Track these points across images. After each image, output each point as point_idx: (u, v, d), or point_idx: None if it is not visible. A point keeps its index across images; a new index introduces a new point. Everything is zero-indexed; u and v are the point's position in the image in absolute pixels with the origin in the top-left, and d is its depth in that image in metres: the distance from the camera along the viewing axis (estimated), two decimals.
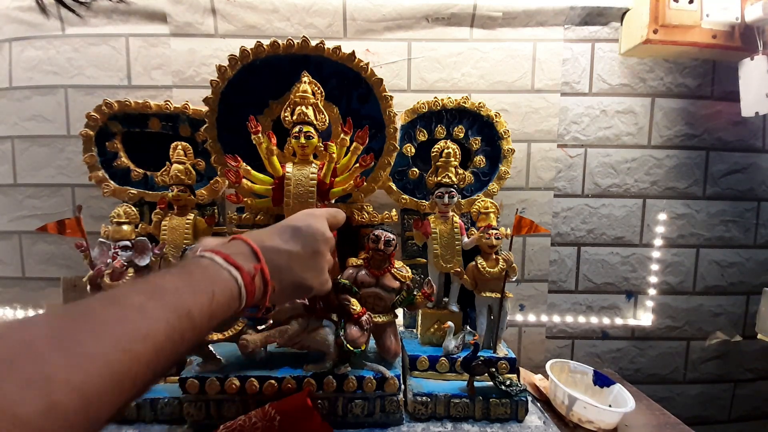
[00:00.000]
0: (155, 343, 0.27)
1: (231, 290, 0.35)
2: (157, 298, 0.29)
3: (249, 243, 0.39)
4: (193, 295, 0.31)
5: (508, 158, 0.84)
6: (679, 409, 0.98)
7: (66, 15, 0.90)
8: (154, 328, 0.27)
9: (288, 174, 0.66)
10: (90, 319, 0.25)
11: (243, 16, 0.90)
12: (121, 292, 0.29)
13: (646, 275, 1.00)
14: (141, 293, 0.29)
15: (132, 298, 0.28)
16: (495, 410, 0.66)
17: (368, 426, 0.64)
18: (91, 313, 0.25)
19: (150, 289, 0.30)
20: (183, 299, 0.30)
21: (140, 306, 0.27)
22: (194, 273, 0.33)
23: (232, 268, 0.35)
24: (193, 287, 0.32)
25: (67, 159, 0.94)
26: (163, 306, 0.29)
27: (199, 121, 0.80)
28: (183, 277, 0.32)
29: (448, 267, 0.76)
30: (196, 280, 0.33)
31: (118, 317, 0.26)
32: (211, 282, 0.33)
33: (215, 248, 0.37)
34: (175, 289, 0.30)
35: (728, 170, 0.99)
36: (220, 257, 0.35)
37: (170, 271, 0.33)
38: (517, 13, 0.91)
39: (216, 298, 0.33)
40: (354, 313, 0.62)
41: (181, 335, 0.29)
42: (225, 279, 0.35)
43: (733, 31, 0.86)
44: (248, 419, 0.57)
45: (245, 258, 0.38)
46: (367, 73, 0.74)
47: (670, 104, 0.97)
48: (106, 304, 0.27)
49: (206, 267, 0.35)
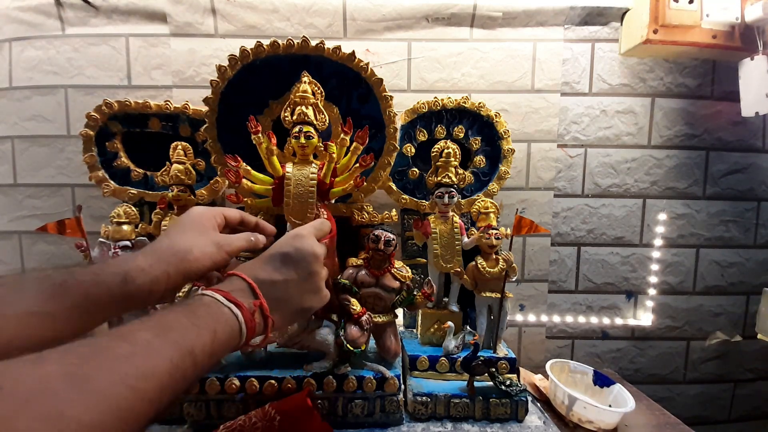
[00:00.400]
0: (160, 381, 0.28)
1: (232, 327, 0.36)
2: (162, 336, 0.30)
3: (245, 279, 0.40)
4: (196, 333, 0.32)
5: (508, 158, 0.84)
6: (679, 409, 0.98)
7: (66, 15, 0.90)
8: (160, 366, 0.28)
9: (288, 174, 0.66)
10: (101, 356, 0.26)
11: (243, 16, 0.90)
12: (129, 328, 0.30)
13: (646, 275, 1.00)
14: (148, 330, 0.30)
15: (140, 334, 0.29)
16: (495, 410, 0.66)
17: (368, 426, 0.64)
18: (102, 349, 0.27)
19: (156, 325, 0.31)
20: (187, 337, 0.31)
21: (147, 343, 0.28)
22: (197, 311, 0.34)
23: (233, 306, 0.37)
24: (197, 325, 0.33)
25: (67, 159, 0.94)
26: (168, 344, 0.30)
27: (199, 121, 0.80)
28: (187, 315, 0.33)
29: (448, 267, 0.76)
30: (199, 318, 0.34)
31: (126, 354, 0.27)
32: (214, 320, 0.35)
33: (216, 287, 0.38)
34: (179, 327, 0.32)
35: (728, 170, 0.99)
36: (221, 295, 0.37)
37: (175, 308, 0.34)
38: (517, 13, 0.91)
39: (218, 336, 0.34)
40: (354, 313, 0.62)
41: (183, 373, 0.30)
42: (226, 317, 0.36)
43: (733, 31, 0.86)
44: (248, 419, 0.57)
45: (244, 294, 0.39)
46: (367, 73, 0.74)
47: (670, 104, 0.97)
48: (116, 339, 0.28)
49: (208, 305, 0.36)
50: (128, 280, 0.38)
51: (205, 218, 0.47)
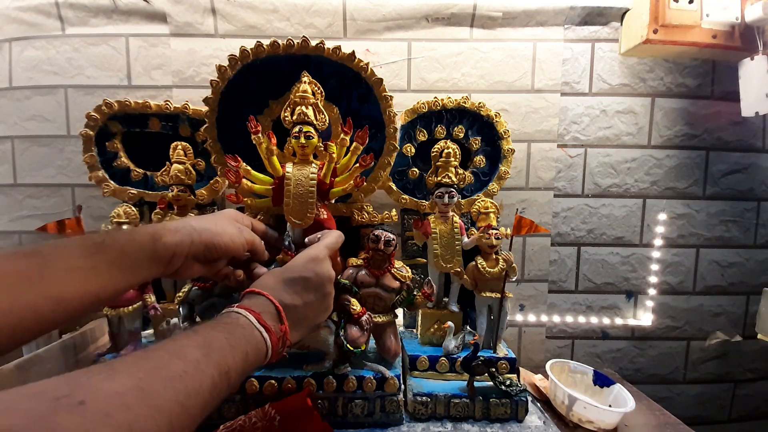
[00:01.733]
0: (203, 398, 0.30)
1: (260, 350, 0.38)
2: (208, 355, 0.32)
3: (274, 302, 0.43)
4: (232, 354, 0.34)
5: (508, 158, 0.84)
6: (679, 409, 0.98)
7: (66, 15, 0.90)
8: (204, 385, 0.30)
9: (288, 174, 0.66)
10: (161, 372, 0.28)
11: (243, 16, 0.90)
12: (181, 343, 0.32)
13: (646, 275, 1.00)
14: (197, 347, 0.32)
15: (192, 352, 0.31)
16: (495, 410, 0.66)
17: (368, 426, 0.64)
18: (162, 365, 0.29)
19: (203, 343, 0.33)
20: (226, 358, 0.33)
21: (197, 362, 0.30)
22: (234, 332, 0.37)
23: (263, 330, 0.39)
24: (233, 347, 0.35)
25: (67, 159, 0.94)
26: (211, 363, 0.32)
27: (199, 121, 0.80)
28: (226, 335, 0.35)
29: (448, 267, 0.76)
30: (235, 339, 0.36)
31: (180, 372, 0.29)
32: (247, 342, 0.37)
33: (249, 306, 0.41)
34: (220, 348, 0.34)
35: (728, 170, 0.99)
36: (253, 317, 0.39)
37: (216, 326, 0.36)
38: (517, 13, 0.91)
39: (248, 358, 0.36)
40: (354, 313, 0.62)
41: (219, 392, 0.32)
42: (257, 340, 0.38)
43: (733, 31, 0.86)
44: (248, 419, 0.57)
45: (271, 318, 0.42)
46: (367, 73, 0.74)
47: (670, 104, 0.97)
48: (172, 355, 0.30)
49: (244, 326, 0.38)
50: (156, 237, 0.41)
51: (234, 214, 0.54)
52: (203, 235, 0.45)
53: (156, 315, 0.71)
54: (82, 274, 0.36)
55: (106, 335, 0.84)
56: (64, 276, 0.34)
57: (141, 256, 0.40)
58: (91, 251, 0.37)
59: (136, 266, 0.40)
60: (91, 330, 0.84)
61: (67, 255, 0.36)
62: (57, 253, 0.35)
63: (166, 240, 0.42)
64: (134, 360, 0.28)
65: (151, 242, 0.41)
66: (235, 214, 0.54)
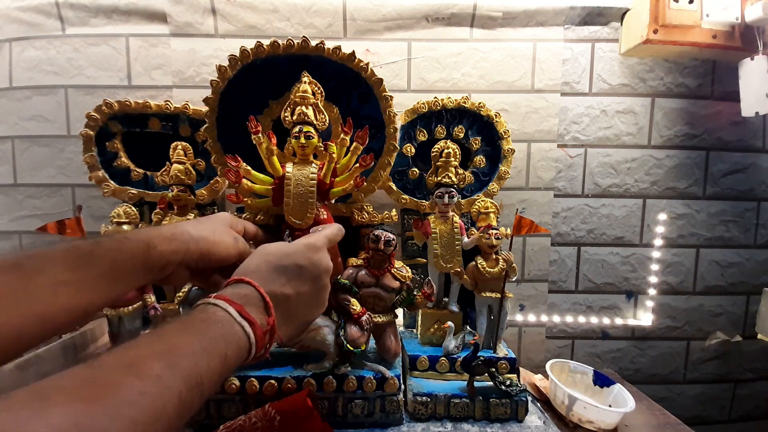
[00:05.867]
0: (168, 419, 0.26)
1: (242, 347, 0.34)
2: (173, 366, 0.28)
3: (260, 291, 0.38)
4: (207, 359, 0.30)
5: (508, 158, 0.84)
6: (679, 409, 0.98)
7: (66, 15, 0.90)
8: (169, 404, 0.26)
9: (288, 174, 0.66)
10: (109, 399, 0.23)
11: (243, 16, 0.90)
12: (139, 353, 0.28)
13: (646, 275, 1.00)
14: (159, 359, 0.28)
15: (150, 365, 0.27)
16: (495, 410, 0.66)
17: (368, 426, 0.64)
18: (110, 389, 0.24)
19: (167, 351, 0.29)
20: (198, 366, 0.29)
21: (157, 377, 0.26)
22: (209, 331, 0.33)
23: (246, 324, 0.35)
24: (208, 349, 0.31)
25: (67, 159, 0.94)
26: (178, 377, 0.28)
27: (199, 121, 0.80)
28: (198, 336, 0.31)
29: (448, 267, 0.76)
30: (211, 340, 0.32)
31: (135, 395, 0.25)
32: (225, 342, 0.33)
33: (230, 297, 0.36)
34: (191, 354, 0.30)
35: (728, 170, 0.99)
36: (234, 309, 0.35)
37: (187, 326, 0.32)
38: (517, 13, 0.91)
39: (227, 360, 0.32)
40: (354, 313, 0.62)
41: (190, 406, 0.28)
42: (238, 336, 0.34)
43: (733, 31, 0.86)
44: (248, 419, 0.57)
45: (257, 310, 0.37)
46: (367, 73, 0.74)
47: (670, 104, 0.97)
48: (126, 372, 0.25)
49: (222, 322, 0.34)
50: (150, 246, 0.39)
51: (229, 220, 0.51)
52: (200, 244, 0.43)
53: (156, 315, 0.71)
54: (69, 289, 0.33)
55: (106, 335, 0.84)
56: (48, 291, 0.32)
57: (132, 267, 0.38)
58: (77, 263, 0.34)
59: (126, 276, 0.38)
60: (91, 330, 0.84)
61: (51, 268, 0.33)
62: (40, 267, 0.32)
63: (161, 249, 0.39)
64: (75, 384, 0.23)
65: (143, 252, 0.38)
66: (231, 220, 0.51)
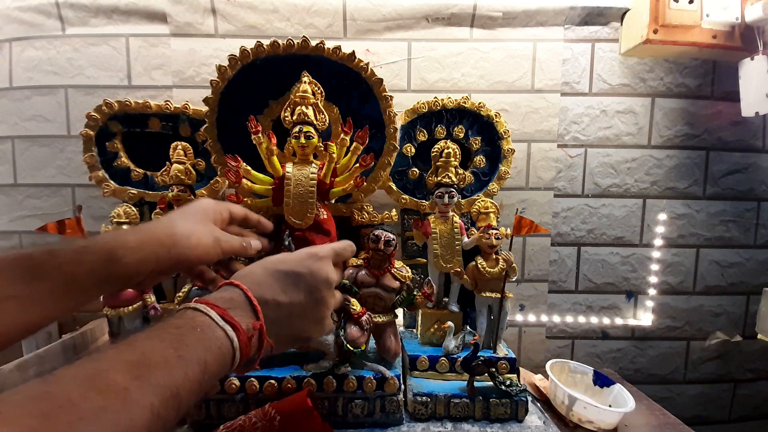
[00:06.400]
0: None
1: (225, 354, 0.31)
2: (142, 378, 0.25)
3: (248, 294, 0.35)
4: (183, 370, 0.28)
5: (508, 158, 0.84)
6: (679, 409, 0.98)
7: (66, 15, 0.90)
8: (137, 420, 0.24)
9: (288, 174, 0.66)
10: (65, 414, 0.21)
11: (243, 16, 0.90)
12: (102, 366, 0.25)
13: (646, 275, 1.00)
14: (125, 370, 0.25)
15: (115, 377, 0.24)
16: (495, 410, 0.66)
17: (368, 426, 0.64)
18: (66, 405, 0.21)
19: (136, 362, 0.26)
20: (172, 376, 0.27)
21: (123, 392, 0.24)
22: (186, 338, 0.30)
23: (229, 328, 0.32)
24: (184, 358, 0.28)
25: (67, 159, 0.94)
26: (148, 388, 0.25)
27: (199, 121, 0.80)
28: (174, 344, 0.28)
29: (448, 267, 0.76)
30: (188, 348, 0.29)
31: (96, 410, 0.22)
32: (205, 348, 0.30)
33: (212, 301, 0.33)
34: (164, 363, 0.27)
35: (728, 170, 0.99)
36: (216, 313, 0.32)
37: (161, 333, 0.29)
38: (517, 13, 0.91)
39: (208, 368, 0.29)
40: (354, 313, 0.62)
41: (164, 421, 0.25)
42: (220, 342, 0.31)
43: (733, 31, 0.86)
44: (248, 419, 0.57)
45: (243, 313, 0.34)
46: (367, 73, 0.74)
47: (670, 104, 0.97)
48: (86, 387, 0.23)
49: (201, 328, 0.31)
50: (113, 258, 0.36)
51: (211, 211, 0.46)
52: (172, 251, 0.40)
53: (156, 315, 0.71)
54: (18, 304, 0.31)
55: (106, 335, 0.84)
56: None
57: (91, 280, 0.35)
58: (27, 278, 0.32)
59: (84, 290, 0.35)
60: (91, 330, 0.84)
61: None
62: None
63: (125, 260, 0.37)
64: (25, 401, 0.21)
65: (104, 264, 0.36)
66: (214, 210, 0.46)
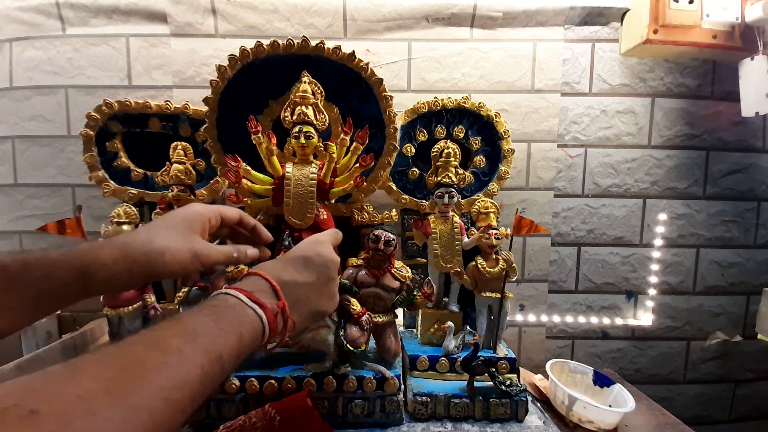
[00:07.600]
0: (192, 389, 0.27)
1: (256, 329, 0.36)
2: (192, 342, 0.29)
3: (268, 279, 0.40)
4: (224, 337, 0.32)
5: (508, 158, 0.84)
6: (679, 409, 0.98)
7: (66, 15, 0.90)
8: (191, 375, 0.28)
9: (288, 174, 0.66)
10: (135, 368, 0.25)
11: (243, 16, 0.90)
12: (160, 334, 0.29)
13: (646, 275, 1.00)
14: (178, 336, 0.29)
15: (171, 342, 0.28)
16: (495, 410, 0.66)
17: (368, 426, 0.64)
18: (136, 360, 0.26)
19: (185, 331, 0.30)
20: (215, 342, 0.31)
21: (179, 351, 0.28)
22: (223, 314, 0.34)
23: (257, 307, 0.36)
24: (224, 329, 0.32)
25: (67, 159, 0.94)
26: (198, 350, 0.29)
27: (199, 121, 0.80)
28: (213, 318, 0.33)
29: (448, 267, 0.76)
30: (225, 321, 0.33)
31: (159, 364, 0.26)
32: (239, 322, 0.34)
33: (239, 286, 0.38)
34: (207, 332, 0.31)
35: (728, 170, 0.99)
36: (245, 295, 0.36)
37: (201, 310, 0.34)
38: (517, 13, 0.91)
39: (243, 338, 0.34)
40: (354, 313, 0.62)
41: (212, 379, 0.30)
42: (251, 318, 0.36)
43: (733, 31, 0.86)
44: (248, 419, 0.57)
45: (266, 295, 0.39)
46: (367, 73, 0.74)
47: (670, 104, 0.97)
48: (148, 348, 0.27)
49: (234, 306, 0.35)
50: (86, 274, 0.37)
51: (197, 220, 0.45)
52: (146, 268, 0.40)
53: (156, 315, 0.71)
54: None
55: (106, 335, 0.84)
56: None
57: (64, 293, 0.37)
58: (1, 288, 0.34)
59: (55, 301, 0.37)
60: (91, 330, 0.84)
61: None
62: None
63: (98, 276, 0.38)
64: (102, 358, 0.25)
65: (77, 280, 0.37)
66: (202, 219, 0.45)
